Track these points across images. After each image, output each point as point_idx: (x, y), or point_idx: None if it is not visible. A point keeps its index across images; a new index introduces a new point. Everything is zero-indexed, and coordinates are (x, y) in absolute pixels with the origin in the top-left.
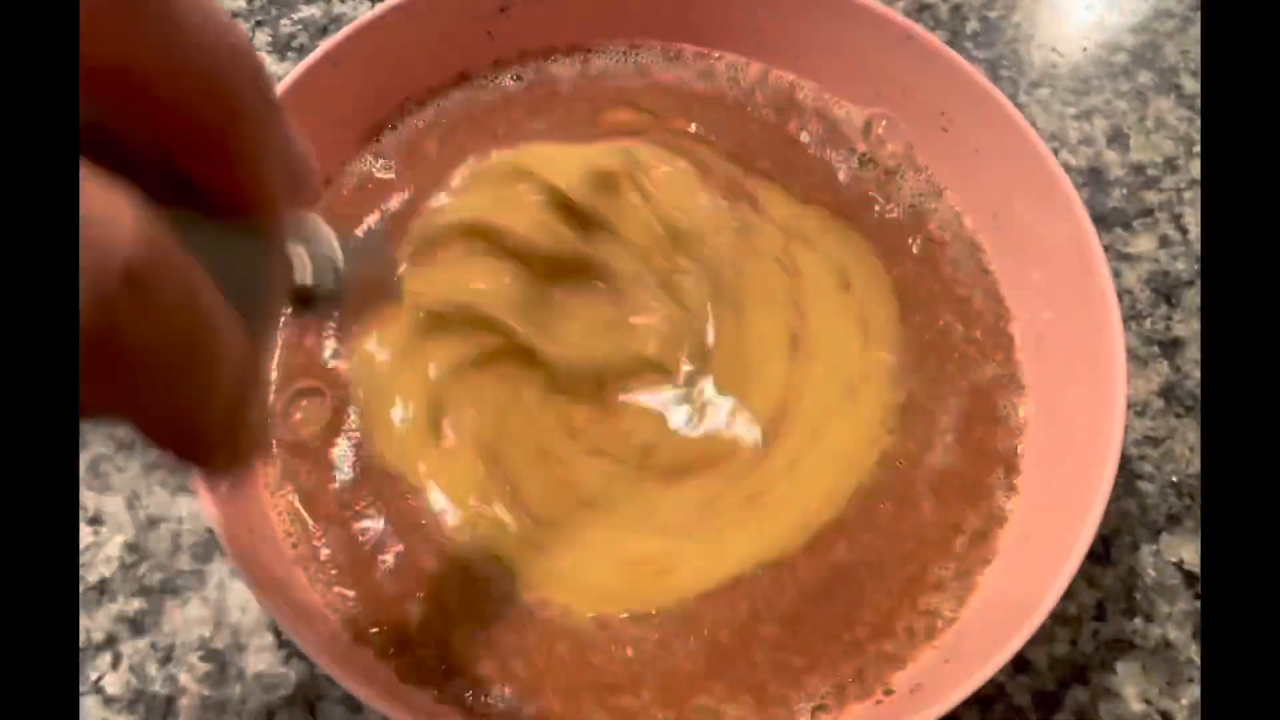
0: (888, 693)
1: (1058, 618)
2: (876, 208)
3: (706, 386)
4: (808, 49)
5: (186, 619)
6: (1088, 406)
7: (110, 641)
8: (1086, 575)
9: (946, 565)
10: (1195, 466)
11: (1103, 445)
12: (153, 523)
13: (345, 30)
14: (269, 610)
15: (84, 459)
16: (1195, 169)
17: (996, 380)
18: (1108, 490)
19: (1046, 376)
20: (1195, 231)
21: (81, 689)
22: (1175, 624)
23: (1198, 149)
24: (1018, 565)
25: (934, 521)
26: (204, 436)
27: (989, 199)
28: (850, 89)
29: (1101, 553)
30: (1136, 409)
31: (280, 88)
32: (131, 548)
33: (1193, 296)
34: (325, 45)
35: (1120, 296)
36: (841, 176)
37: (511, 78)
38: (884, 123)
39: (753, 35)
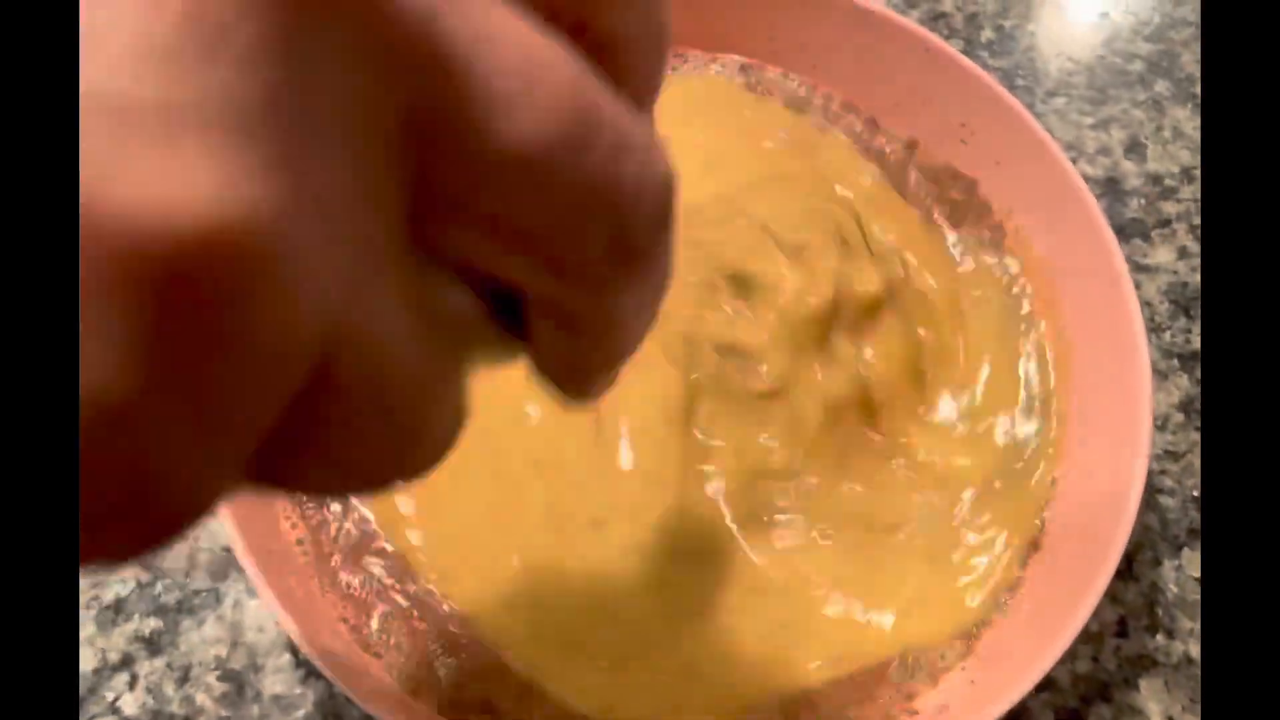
0: (913, 714)
1: (1080, 634)
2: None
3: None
4: (826, 58)
5: (203, 638)
6: (1113, 422)
7: (126, 662)
8: (1109, 591)
9: (982, 590)
10: None
11: (1127, 467)
12: None
13: None
14: (291, 632)
15: None
16: None
17: (1029, 403)
18: (1133, 516)
19: (1074, 392)
20: None
21: (97, 709)
22: (1198, 640)
23: None
24: (1046, 586)
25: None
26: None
27: (1012, 213)
28: (870, 99)
29: (1124, 568)
30: (1157, 423)
31: None
32: (147, 566)
33: None
34: None
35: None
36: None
37: None
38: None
39: (770, 43)
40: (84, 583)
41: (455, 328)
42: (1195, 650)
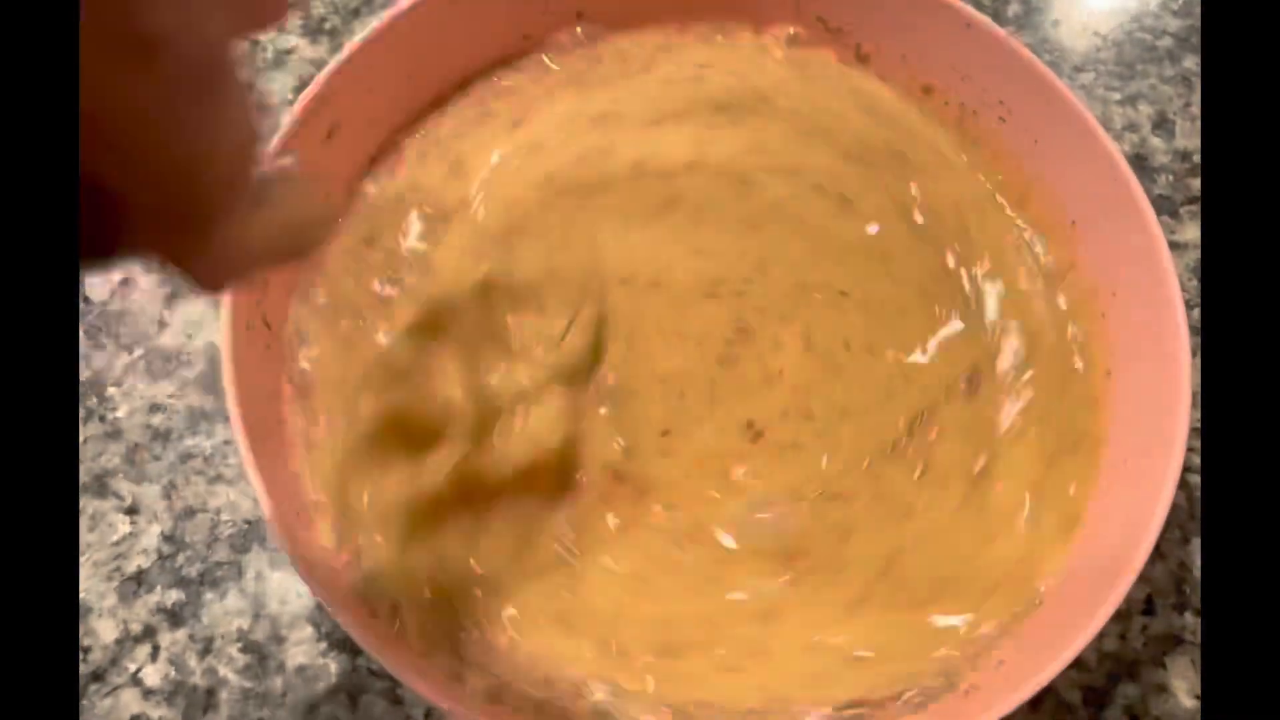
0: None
1: None
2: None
3: None
4: (864, 32)
5: (225, 610)
6: (1150, 408)
7: (148, 633)
8: None
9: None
10: None
11: (1163, 460)
12: (189, 513)
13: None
14: (320, 597)
15: (119, 449)
16: None
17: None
18: (1166, 507)
19: (1112, 370)
20: None
21: (120, 680)
22: None
23: None
24: (1077, 570)
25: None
26: (202, 201)
27: (1050, 191)
28: (906, 75)
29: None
30: None
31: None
32: (168, 538)
33: None
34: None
35: None
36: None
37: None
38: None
39: (806, 12)
40: (104, 554)
41: None
42: None
